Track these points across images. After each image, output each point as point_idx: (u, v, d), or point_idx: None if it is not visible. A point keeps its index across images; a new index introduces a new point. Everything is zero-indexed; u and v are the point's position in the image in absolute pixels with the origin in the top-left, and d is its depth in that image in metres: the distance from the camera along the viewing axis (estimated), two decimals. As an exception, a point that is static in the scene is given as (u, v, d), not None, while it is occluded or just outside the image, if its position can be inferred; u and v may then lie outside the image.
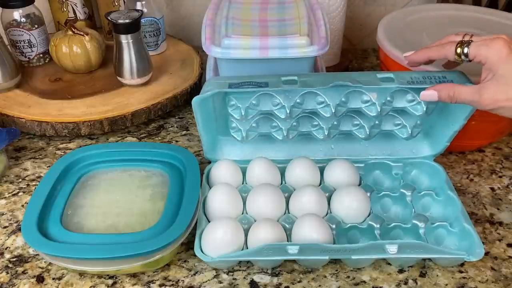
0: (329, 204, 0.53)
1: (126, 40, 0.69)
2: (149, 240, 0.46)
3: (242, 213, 0.53)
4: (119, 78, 0.73)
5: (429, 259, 0.50)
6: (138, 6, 0.79)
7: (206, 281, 0.49)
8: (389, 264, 0.50)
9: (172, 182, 0.54)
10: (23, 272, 0.50)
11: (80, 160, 0.57)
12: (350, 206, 0.52)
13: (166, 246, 0.46)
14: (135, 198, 0.53)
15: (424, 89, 0.50)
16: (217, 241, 0.47)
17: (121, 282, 0.49)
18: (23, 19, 0.76)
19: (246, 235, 0.49)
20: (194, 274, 0.49)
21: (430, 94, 0.50)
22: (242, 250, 0.48)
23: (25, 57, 0.79)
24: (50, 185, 0.52)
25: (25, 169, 0.64)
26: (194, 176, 0.54)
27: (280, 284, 0.49)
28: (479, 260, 0.47)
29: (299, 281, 0.49)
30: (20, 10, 0.75)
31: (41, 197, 0.51)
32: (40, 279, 0.49)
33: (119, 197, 0.53)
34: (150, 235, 0.47)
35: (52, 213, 0.50)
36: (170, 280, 0.49)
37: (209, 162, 0.59)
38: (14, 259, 0.51)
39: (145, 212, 0.51)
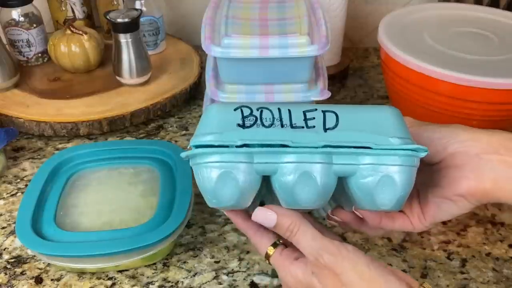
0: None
1: (125, 40, 0.69)
2: (148, 233, 0.47)
3: None
4: (118, 78, 0.73)
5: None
6: (137, 5, 0.78)
7: (206, 282, 0.49)
8: (390, 265, 0.50)
9: (163, 176, 0.54)
10: (22, 273, 0.50)
11: (67, 160, 0.57)
12: None
13: (166, 237, 0.47)
14: (128, 195, 0.53)
15: None
16: None
17: (120, 283, 0.48)
18: (21, 18, 0.75)
19: None
20: (194, 275, 0.49)
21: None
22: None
23: (24, 56, 0.78)
24: (40, 187, 0.52)
25: (24, 169, 0.64)
26: (184, 168, 0.54)
27: (280, 285, 0.48)
28: (481, 261, 0.47)
29: (300, 282, 0.48)
30: (19, 9, 0.75)
31: (32, 199, 0.51)
32: (38, 280, 0.49)
33: (111, 195, 0.53)
34: (148, 229, 0.48)
35: (45, 214, 0.50)
36: (169, 281, 0.49)
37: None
38: (13, 260, 0.51)
39: (139, 208, 0.52)
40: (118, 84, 0.74)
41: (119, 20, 0.68)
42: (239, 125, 0.36)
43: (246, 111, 0.36)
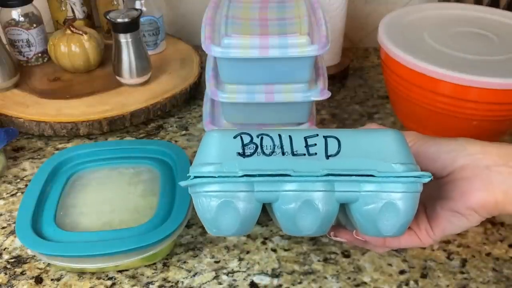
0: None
1: (125, 40, 0.69)
2: (148, 233, 0.47)
3: None
4: (118, 78, 0.73)
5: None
6: (137, 5, 0.78)
7: (206, 282, 0.48)
8: (390, 265, 0.50)
9: (163, 176, 0.55)
10: (22, 273, 0.50)
11: (67, 160, 0.57)
12: None
13: (166, 237, 0.47)
14: (128, 195, 0.53)
15: None
16: None
17: (120, 283, 0.48)
18: (21, 18, 0.75)
19: None
20: (194, 275, 0.49)
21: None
22: None
23: (24, 56, 0.78)
24: (40, 187, 0.52)
25: (24, 169, 0.64)
26: (184, 168, 0.54)
27: (281, 285, 0.48)
28: (481, 261, 0.47)
29: (300, 282, 0.48)
30: (19, 9, 0.75)
31: (32, 199, 0.51)
32: (38, 280, 0.49)
33: (111, 195, 0.54)
34: (148, 229, 0.48)
35: (45, 214, 0.50)
36: (169, 281, 0.49)
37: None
38: (13, 260, 0.51)
39: (139, 208, 0.52)
40: (118, 84, 0.74)
41: (119, 20, 0.67)
42: (239, 153, 0.35)
43: (246, 139, 0.36)
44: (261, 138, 0.36)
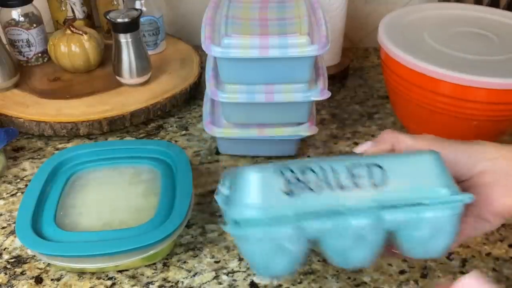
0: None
1: (125, 40, 0.69)
2: (148, 233, 0.47)
3: None
4: (118, 78, 0.73)
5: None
6: (137, 5, 0.78)
7: (206, 282, 0.49)
8: (390, 265, 0.50)
9: (163, 176, 0.55)
10: (22, 273, 0.50)
11: (67, 160, 0.57)
12: None
13: (166, 237, 0.47)
14: (128, 195, 0.53)
15: None
16: None
17: (120, 283, 0.48)
18: (21, 18, 0.75)
19: None
20: (194, 275, 0.49)
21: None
22: None
23: (24, 56, 0.78)
24: (40, 187, 0.53)
25: (24, 169, 0.64)
26: (184, 168, 0.54)
27: (281, 285, 0.48)
28: (481, 261, 0.47)
29: (300, 282, 0.48)
30: (19, 9, 0.75)
31: (32, 199, 0.51)
32: (38, 280, 0.49)
33: (111, 195, 0.54)
34: (148, 229, 0.48)
35: (45, 214, 0.50)
36: (169, 281, 0.49)
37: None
38: (13, 260, 0.51)
39: (139, 208, 0.52)
40: (118, 84, 0.74)
41: (119, 20, 0.68)
42: (284, 192, 0.34)
43: (288, 174, 0.34)
44: (303, 172, 0.35)
